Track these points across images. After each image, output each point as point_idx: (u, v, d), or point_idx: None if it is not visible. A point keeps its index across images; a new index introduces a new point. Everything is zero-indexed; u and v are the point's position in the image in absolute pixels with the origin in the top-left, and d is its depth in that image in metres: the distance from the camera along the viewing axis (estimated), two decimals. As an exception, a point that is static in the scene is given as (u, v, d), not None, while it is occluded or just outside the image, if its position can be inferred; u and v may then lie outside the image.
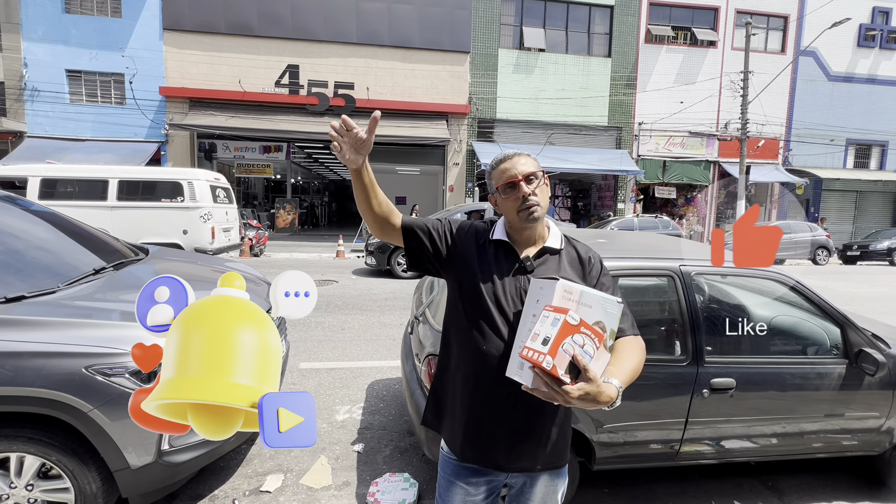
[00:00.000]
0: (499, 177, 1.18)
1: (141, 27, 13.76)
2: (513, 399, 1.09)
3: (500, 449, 1.15)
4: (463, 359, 1.18)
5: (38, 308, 1.96)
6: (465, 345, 1.17)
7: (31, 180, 7.19)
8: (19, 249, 2.39)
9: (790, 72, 16.97)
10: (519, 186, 1.15)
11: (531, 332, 0.94)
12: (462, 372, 1.18)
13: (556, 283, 0.97)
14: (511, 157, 1.19)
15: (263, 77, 14.25)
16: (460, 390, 1.18)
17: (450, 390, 1.23)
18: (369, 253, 8.92)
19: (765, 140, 17.04)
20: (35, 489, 1.86)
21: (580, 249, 1.26)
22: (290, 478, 2.51)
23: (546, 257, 1.20)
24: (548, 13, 15.86)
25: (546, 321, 0.92)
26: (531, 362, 0.90)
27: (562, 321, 0.89)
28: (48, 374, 1.76)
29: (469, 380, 1.16)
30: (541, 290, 1.02)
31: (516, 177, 1.15)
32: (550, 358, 0.88)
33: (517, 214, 1.16)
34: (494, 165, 1.21)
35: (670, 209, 17.70)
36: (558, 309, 0.92)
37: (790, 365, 2.33)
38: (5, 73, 13.33)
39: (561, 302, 0.95)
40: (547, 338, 0.89)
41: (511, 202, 1.16)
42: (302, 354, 4.35)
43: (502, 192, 1.18)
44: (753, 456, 2.41)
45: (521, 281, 1.16)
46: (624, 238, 3.02)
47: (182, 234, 7.40)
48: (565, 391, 0.88)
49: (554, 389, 0.89)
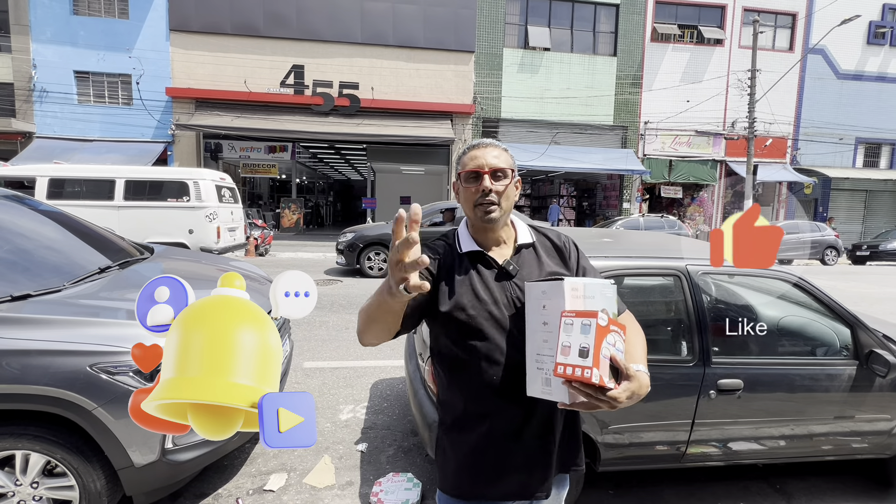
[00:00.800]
0: (466, 163, 1.08)
1: (148, 28, 13.86)
2: (534, 418, 1.03)
3: (531, 477, 1.06)
4: (470, 396, 1.06)
5: (44, 306, 1.97)
6: (468, 380, 1.05)
7: (39, 180, 7.26)
8: (26, 248, 2.41)
9: (798, 70, 16.79)
10: (482, 179, 1.04)
11: (559, 343, 0.85)
12: (471, 412, 1.06)
13: (563, 283, 0.89)
14: (484, 147, 1.08)
15: (269, 77, 14.30)
16: (474, 431, 1.05)
17: (464, 436, 1.07)
18: (339, 252, 8.78)
19: (772, 139, 16.89)
20: (40, 487, 1.87)
21: (552, 236, 1.19)
22: (293, 477, 2.51)
23: (523, 254, 1.12)
24: (553, 12, 15.80)
25: (572, 329, 0.84)
26: (572, 379, 0.82)
27: (594, 326, 0.81)
28: (53, 373, 1.76)
29: (483, 416, 1.04)
30: (544, 295, 0.93)
31: (482, 168, 1.04)
32: (597, 370, 0.80)
33: (473, 209, 1.06)
34: (465, 151, 1.10)
35: (676, 209, 17.59)
36: (582, 313, 0.84)
37: (799, 366, 2.30)
38: (15, 74, 13.47)
39: (573, 303, 0.87)
40: (584, 348, 0.81)
41: (470, 194, 1.06)
42: (306, 353, 4.35)
43: (464, 180, 1.07)
44: (761, 458, 2.38)
45: (508, 288, 1.06)
46: (629, 237, 2.99)
47: (188, 234, 7.44)
48: (612, 398, 0.82)
49: (599, 399, 0.82)
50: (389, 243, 3.43)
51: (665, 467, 2.32)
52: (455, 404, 1.09)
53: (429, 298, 1.04)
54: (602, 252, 2.26)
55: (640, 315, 1.21)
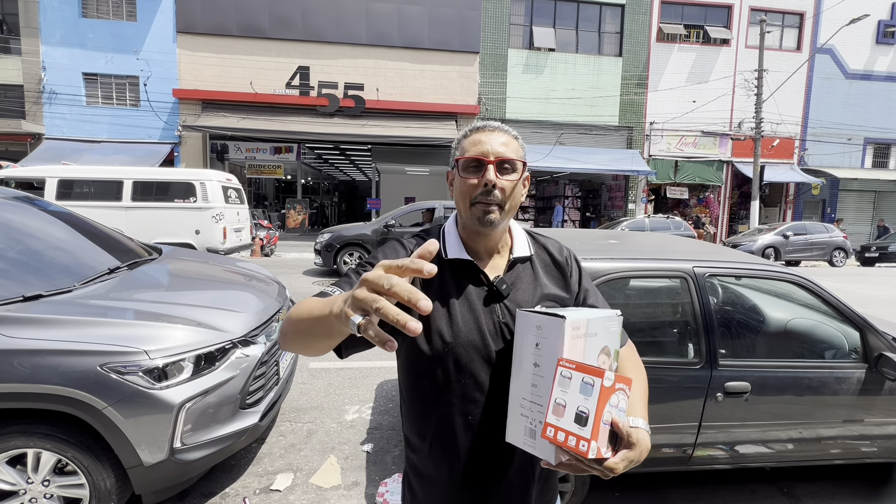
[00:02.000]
0: (467, 147, 0.86)
1: (155, 30, 13.99)
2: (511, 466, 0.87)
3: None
4: (437, 437, 0.87)
5: (55, 307, 2.00)
6: (437, 417, 0.87)
7: (48, 181, 7.34)
8: (37, 249, 2.44)
9: (806, 70, 16.66)
10: (485, 169, 0.83)
11: (551, 400, 0.70)
12: (437, 454, 0.88)
13: (564, 323, 0.71)
14: (491, 130, 0.87)
15: (274, 79, 14.38)
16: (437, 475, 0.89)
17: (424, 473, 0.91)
18: (316, 252, 8.75)
19: (780, 139, 16.76)
20: (51, 485, 1.89)
21: (552, 249, 0.98)
22: (299, 477, 2.52)
23: (518, 270, 0.91)
24: (558, 13, 15.78)
25: (570, 385, 0.69)
26: (563, 447, 0.67)
27: (598, 387, 0.66)
28: (64, 372, 1.79)
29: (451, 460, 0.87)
30: (539, 331, 0.75)
31: (487, 155, 0.83)
32: (595, 443, 0.66)
33: (469, 207, 0.85)
34: (467, 133, 0.89)
35: (682, 210, 17.49)
36: (585, 368, 0.68)
37: (807, 369, 2.28)
38: (25, 76, 13.64)
39: (572, 349, 0.71)
40: (582, 413, 0.67)
41: (467, 187, 0.84)
42: (312, 354, 4.37)
43: (462, 168, 0.85)
44: (769, 461, 2.36)
45: (497, 312, 0.87)
46: (635, 239, 2.98)
47: (194, 234, 7.49)
48: (608, 468, 0.68)
49: (591, 468, 0.69)
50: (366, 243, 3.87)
51: (671, 470, 2.31)
52: (420, 444, 0.91)
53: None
54: (608, 254, 2.26)
55: (646, 317, 1.21)
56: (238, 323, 2.28)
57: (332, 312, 0.61)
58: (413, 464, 0.93)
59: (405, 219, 9.00)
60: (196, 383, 1.99)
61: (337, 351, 0.78)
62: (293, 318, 0.75)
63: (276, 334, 2.57)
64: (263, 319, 2.47)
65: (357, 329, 0.53)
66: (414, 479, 0.93)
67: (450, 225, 0.93)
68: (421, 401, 0.89)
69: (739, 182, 17.67)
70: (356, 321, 0.53)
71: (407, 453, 0.96)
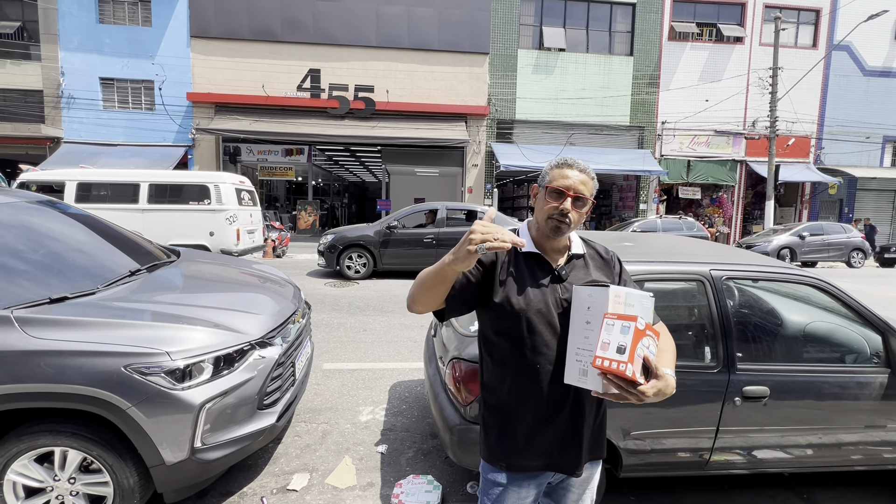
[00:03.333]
0: (555, 177, 1.17)
1: (170, 35, 14.22)
2: (567, 403, 1.18)
3: (564, 454, 1.19)
4: (515, 379, 1.19)
5: (80, 308, 2.05)
6: (514, 364, 1.18)
7: (67, 184, 7.50)
8: (60, 252, 2.50)
9: (822, 67, 16.36)
10: (564, 199, 1.15)
11: (599, 340, 0.97)
12: (516, 392, 1.19)
13: (608, 289, 1.01)
14: (578, 169, 1.17)
15: (286, 81, 14.53)
16: (516, 410, 1.20)
17: (505, 414, 1.22)
18: (320, 253, 8.75)
19: (795, 138, 16.47)
20: (77, 482, 1.94)
21: (600, 250, 1.31)
22: (315, 477, 2.55)
23: (573, 263, 1.24)
24: (568, 12, 15.70)
25: (613, 329, 0.97)
26: (608, 371, 0.95)
27: (633, 328, 0.95)
28: (89, 372, 1.83)
29: (526, 397, 1.18)
30: (590, 297, 1.05)
31: (568, 189, 1.15)
32: (631, 365, 0.94)
33: (546, 220, 1.18)
34: (559, 164, 1.19)
35: (695, 210, 17.27)
36: (623, 316, 0.97)
37: (827, 373, 2.25)
38: (44, 81, 13.95)
39: (615, 307, 0.99)
40: (622, 346, 0.95)
41: (549, 207, 1.17)
42: (325, 355, 4.41)
43: (548, 193, 1.17)
44: (788, 467, 2.33)
45: (558, 290, 1.19)
46: (650, 241, 2.96)
47: (209, 236, 7.60)
48: (641, 391, 0.96)
49: (629, 392, 0.96)
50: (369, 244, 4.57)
51: (688, 474, 2.29)
52: (499, 386, 1.22)
53: (480, 286, 1.18)
54: (623, 256, 2.25)
55: (662, 320, 1.24)
56: (255, 325, 2.32)
57: (445, 262, 1.02)
58: (489, 403, 1.25)
59: (408, 220, 9.00)
60: (215, 384, 2.03)
61: (439, 315, 1.18)
62: (418, 280, 1.12)
63: (292, 335, 2.61)
64: (280, 321, 2.50)
65: (483, 248, 0.92)
66: (488, 416, 1.25)
67: (523, 228, 1.28)
68: (501, 353, 1.20)
69: (754, 182, 17.40)
70: (482, 248, 0.92)
71: (483, 395, 1.28)
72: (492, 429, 1.24)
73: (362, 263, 8.62)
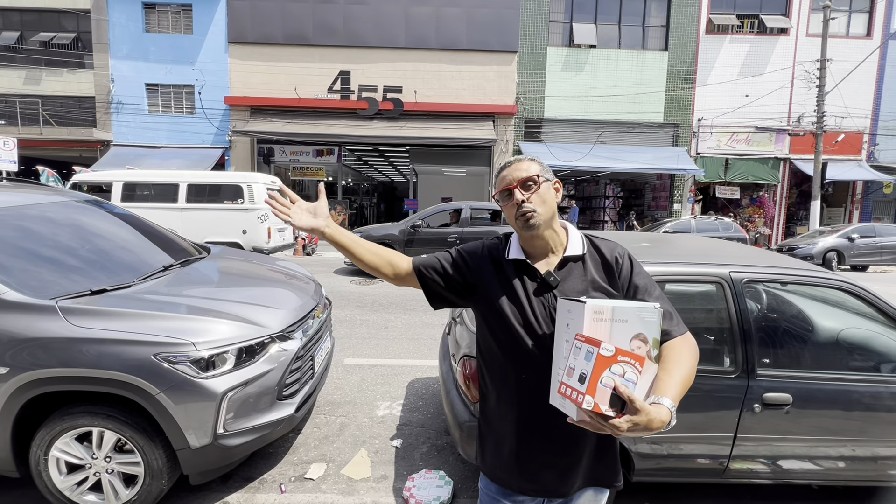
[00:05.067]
0: (498, 185, 1.14)
1: (209, 42, 14.89)
2: (556, 423, 1.05)
3: (548, 475, 1.10)
4: (501, 390, 1.14)
5: (117, 300, 2.21)
6: (500, 375, 1.14)
7: (115, 185, 8.00)
8: (103, 247, 2.70)
9: (877, 58, 15.30)
10: (513, 193, 1.10)
11: (567, 364, 0.88)
12: (502, 403, 1.14)
13: (584, 306, 0.88)
14: (510, 164, 1.14)
15: (317, 84, 14.92)
16: (501, 422, 1.14)
17: (492, 424, 1.18)
18: None
19: (845, 134, 15.49)
20: (112, 461, 2.09)
21: (604, 249, 1.16)
22: (331, 467, 2.64)
23: (570, 267, 1.12)
24: (599, 8, 15.36)
25: (579, 354, 0.86)
26: (570, 400, 0.86)
27: (595, 355, 0.82)
28: (124, 359, 1.97)
29: (510, 410, 1.12)
30: (569, 314, 0.94)
31: (511, 184, 1.10)
32: (590, 397, 0.82)
33: (515, 221, 1.11)
34: (497, 173, 1.17)
35: (737, 210, 16.52)
36: (590, 340, 0.85)
37: (859, 382, 2.13)
38: (96, 88, 14.91)
39: (592, 326, 0.87)
40: (583, 374, 0.84)
41: (508, 210, 1.12)
42: (346, 350, 4.53)
43: (500, 199, 1.14)
44: (815, 479, 2.23)
45: (548, 300, 1.09)
46: (672, 242, 2.89)
47: (242, 234, 7.93)
48: (613, 426, 0.83)
49: (601, 424, 0.85)
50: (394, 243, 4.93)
51: (706, 482, 2.22)
52: (488, 396, 1.19)
53: (465, 289, 1.16)
54: (639, 258, 2.21)
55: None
56: (276, 319, 2.42)
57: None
58: (483, 410, 1.22)
59: (432, 219, 9.07)
60: (238, 374, 2.14)
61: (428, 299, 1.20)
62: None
63: (311, 330, 2.71)
64: (300, 316, 2.60)
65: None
66: (483, 425, 1.22)
67: (514, 235, 1.20)
68: (490, 365, 1.17)
69: (798, 181, 16.49)
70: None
71: (480, 403, 1.24)
72: (484, 438, 1.20)
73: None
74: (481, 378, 1.22)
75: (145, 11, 14.86)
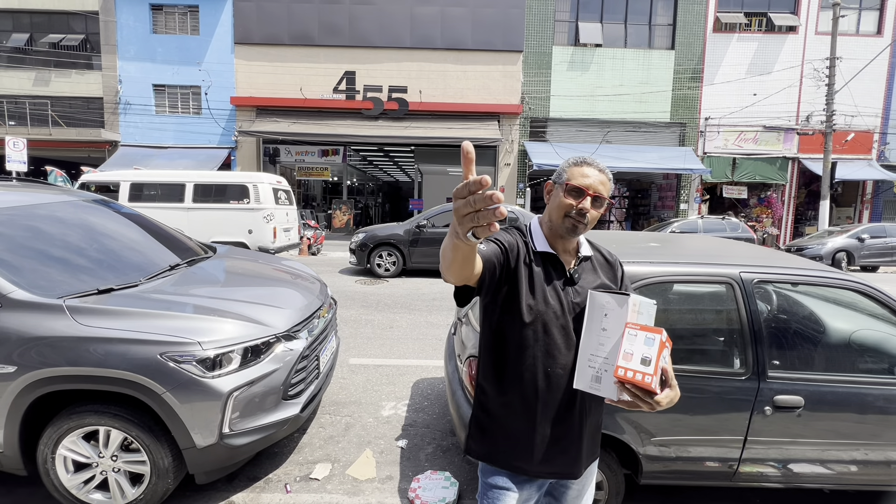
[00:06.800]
0: (574, 175, 1.14)
1: (215, 42, 14.97)
2: (572, 407, 1.18)
3: (564, 459, 1.19)
4: (519, 380, 1.17)
5: (123, 299, 2.21)
6: (521, 365, 1.16)
7: (122, 185, 8.06)
8: (110, 247, 2.71)
9: (888, 56, 15.10)
10: (583, 198, 1.12)
11: (622, 350, 0.99)
12: (518, 393, 1.17)
13: (629, 298, 1.02)
14: (597, 168, 1.15)
15: (323, 84, 14.96)
16: (517, 410, 1.17)
17: (501, 413, 1.20)
18: (351, 251, 8.90)
19: (855, 133, 15.30)
20: (119, 460, 2.10)
21: (605, 253, 1.32)
22: (337, 468, 2.63)
23: (583, 265, 1.24)
24: (605, 7, 15.27)
25: (636, 340, 0.98)
26: (631, 382, 0.96)
27: (658, 341, 0.96)
28: (130, 358, 1.98)
29: (528, 398, 1.16)
30: (608, 304, 1.06)
31: (588, 188, 1.12)
32: (655, 378, 0.95)
33: (562, 219, 1.15)
34: (578, 162, 1.17)
35: (744, 210, 16.37)
36: (647, 328, 0.98)
37: (873, 385, 2.10)
38: (104, 89, 15.04)
39: (634, 317, 1.01)
40: (646, 357, 0.96)
41: (567, 205, 1.14)
42: (352, 350, 4.53)
43: (567, 191, 1.14)
44: (827, 483, 2.19)
45: (570, 293, 1.18)
46: (679, 242, 2.86)
47: (247, 234, 7.96)
48: (656, 401, 0.98)
49: (643, 401, 0.98)
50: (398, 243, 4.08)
51: (715, 485, 2.19)
52: (498, 388, 1.21)
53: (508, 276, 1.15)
54: (647, 258, 2.18)
55: (687, 323, 1.22)
56: (282, 318, 2.42)
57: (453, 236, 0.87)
58: (486, 407, 1.23)
59: (438, 219, 9.05)
60: (243, 374, 2.14)
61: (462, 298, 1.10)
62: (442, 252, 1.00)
63: (317, 330, 2.70)
64: (305, 315, 2.60)
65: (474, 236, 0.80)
66: (485, 419, 1.24)
67: (535, 225, 1.25)
68: (508, 355, 1.18)
69: (807, 180, 16.32)
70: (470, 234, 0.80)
71: (479, 397, 1.26)
72: (492, 431, 1.22)
73: (392, 262, 8.76)
74: (490, 373, 1.24)
75: (153, 13, 14.97)
